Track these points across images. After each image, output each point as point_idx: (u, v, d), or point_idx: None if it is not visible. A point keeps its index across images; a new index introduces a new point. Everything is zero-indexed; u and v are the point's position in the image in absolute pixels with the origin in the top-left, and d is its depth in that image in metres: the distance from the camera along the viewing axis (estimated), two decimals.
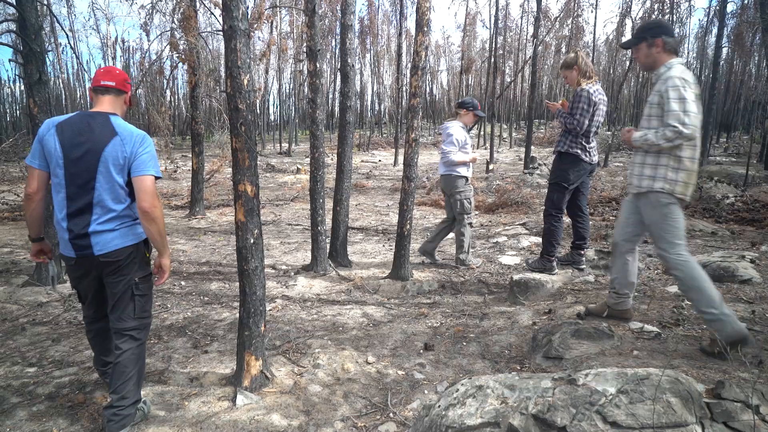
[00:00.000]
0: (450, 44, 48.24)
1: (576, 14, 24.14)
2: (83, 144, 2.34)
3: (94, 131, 2.37)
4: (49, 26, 21.10)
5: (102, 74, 2.50)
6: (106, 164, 2.34)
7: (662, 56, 2.93)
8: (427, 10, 4.46)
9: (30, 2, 4.64)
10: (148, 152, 2.41)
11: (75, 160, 2.34)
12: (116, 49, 37.11)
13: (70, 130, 2.36)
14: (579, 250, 4.66)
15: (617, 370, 2.07)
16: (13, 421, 2.66)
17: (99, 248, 2.39)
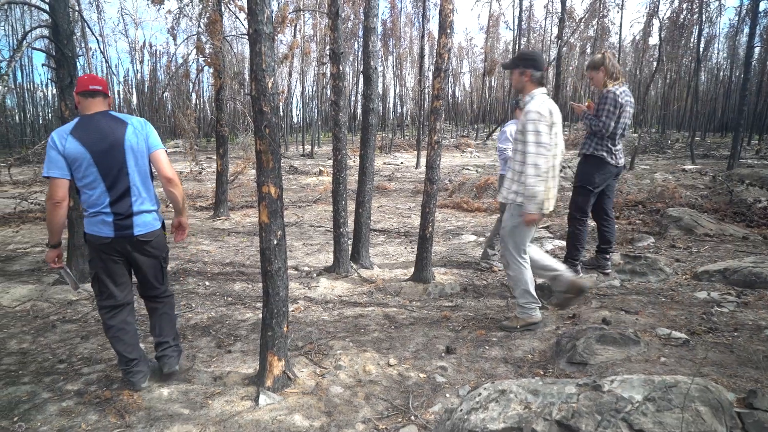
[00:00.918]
0: (473, 46, 48.14)
1: (601, 15, 23.81)
2: (105, 139, 2.66)
3: (110, 126, 2.70)
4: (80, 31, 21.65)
5: (89, 80, 2.76)
6: (130, 150, 2.72)
7: (529, 86, 3.44)
8: (450, 12, 4.44)
9: (63, 9, 4.77)
10: (153, 131, 2.85)
11: (103, 154, 2.65)
12: (144, 53, 37.93)
13: (85, 132, 2.65)
14: (604, 254, 4.59)
15: (644, 377, 2.03)
16: (44, 415, 2.73)
17: (139, 229, 2.78)
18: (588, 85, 32.40)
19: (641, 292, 4.11)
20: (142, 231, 2.79)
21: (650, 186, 10.31)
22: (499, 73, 40.34)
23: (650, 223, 6.78)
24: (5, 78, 4.40)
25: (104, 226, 2.72)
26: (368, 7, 5.23)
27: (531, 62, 3.41)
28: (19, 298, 4.69)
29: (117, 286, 2.88)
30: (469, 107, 51.24)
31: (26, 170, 16.21)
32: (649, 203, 8.18)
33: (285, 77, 27.70)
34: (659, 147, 20.91)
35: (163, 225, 2.96)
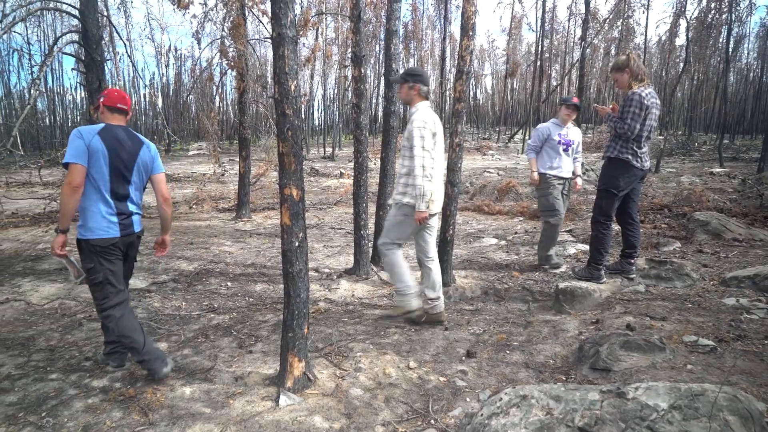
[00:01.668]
0: (494, 48, 47.81)
1: (626, 15, 23.46)
2: (123, 148, 3.00)
3: (129, 140, 3.06)
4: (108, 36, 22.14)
5: (119, 98, 3.11)
6: (138, 165, 3.08)
7: (416, 99, 3.81)
8: (472, 14, 4.43)
9: (92, 14, 4.89)
10: (159, 157, 3.25)
11: (118, 160, 2.97)
12: (169, 57, 38.60)
13: (110, 137, 2.96)
14: (629, 258, 4.51)
15: (670, 385, 1.99)
16: (71, 411, 2.79)
17: (137, 227, 3.15)
18: (612, 87, 31.94)
19: (667, 298, 4.03)
20: (139, 228, 3.18)
21: (676, 189, 10.11)
22: (521, 76, 40.04)
23: (676, 228, 6.65)
24: (37, 82, 4.53)
25: (110, 227, 2.98)
26: (390, 10, 5.25)
27: (419, 78, 3.79)
28: (47, 297, 4.81)
29: (119, 284, 3.09)
30: (490, 109, 50.95)
31: (55, 171, 16.64)
32: (675, 207, 8.01)
33: (307, 80, 27.93)
34: (686, 150, 20.49)
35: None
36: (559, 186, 5.17)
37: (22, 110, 23.40)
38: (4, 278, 5.43)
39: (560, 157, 5.14)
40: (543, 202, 5.22)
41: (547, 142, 5.12)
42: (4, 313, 4.39)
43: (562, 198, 5.20)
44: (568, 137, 5.18)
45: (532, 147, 5.21)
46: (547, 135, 5.12)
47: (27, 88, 28.21)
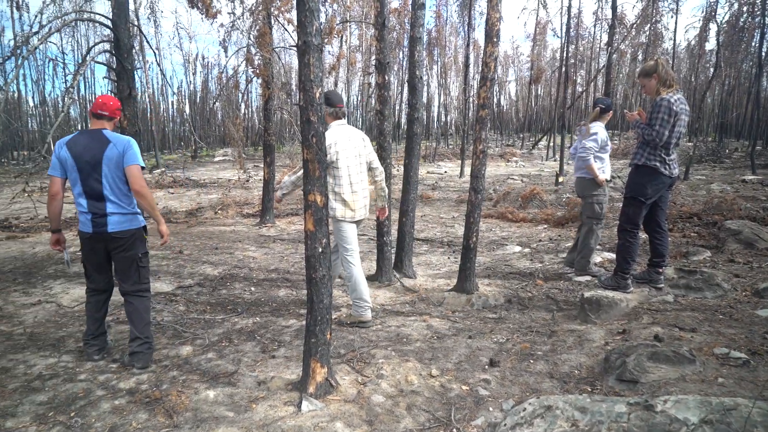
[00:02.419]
0: (519, 54, 47.52)
1: (654, 20, 23.08)
2: (87, 152, 3.22)
3: (94, 142, 3.25)
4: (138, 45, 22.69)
5: (99, 105, 3.35)
6: (106, 164, 3.23)
7: (327, 119, 4.14)
8: (496, 20, 4.42)
9: (124, 24, 5.02)
10: (133, 150, 3.30)
11: (84, 163, 3.21)
12: (197, 65, 39.37)
13: (75, 144, 3.24)
14: (657, 267, 4.41)
15: (700, 398, 1.93)
16: (98, 412, 2.85)
17: (111, 227, 3.28)
18: (639, 92, 31.41)
19: (696, 309, 3.93)
20: (116, 228, 3.29)
21: (706, 197, 9.87)
22: (546, 82, 39.68)
23: (706, 236, 6.49)
24: (71, 90, 4.66)
25: (85, 223, 3.31)
26: (414, 17, 5.27)
27: (329, 102, 4.10)
28: (77, 299, 4.93)
29: (97, 274, 3.48)
30: (514, 116, 50.59)
31: None
32: (705, 215, 7.82)
33: (331, 87, 28.15)
34: (716, 156, 19.99)
35: (144, 228, 3.46)
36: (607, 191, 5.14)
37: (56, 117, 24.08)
38: (37, 280, 5.58)
39: (606, 160, 5.14)
40: (594, 209, 5.09)
41: (604, 147, 5.07)
42: (36, 315, 4.52)
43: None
44: (609, 140, 5.18)
45: (593, 151, 5.01)
46: (605, 140, 5.08)
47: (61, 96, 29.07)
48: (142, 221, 3.44)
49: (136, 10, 23.87)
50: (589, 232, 5.12)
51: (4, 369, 3.42)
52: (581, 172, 5.10)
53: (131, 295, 3.45)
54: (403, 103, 32.80)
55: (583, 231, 5.20)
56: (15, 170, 20.84)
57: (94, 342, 3.53)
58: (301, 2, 2.61)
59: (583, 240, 5.16)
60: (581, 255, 5.18)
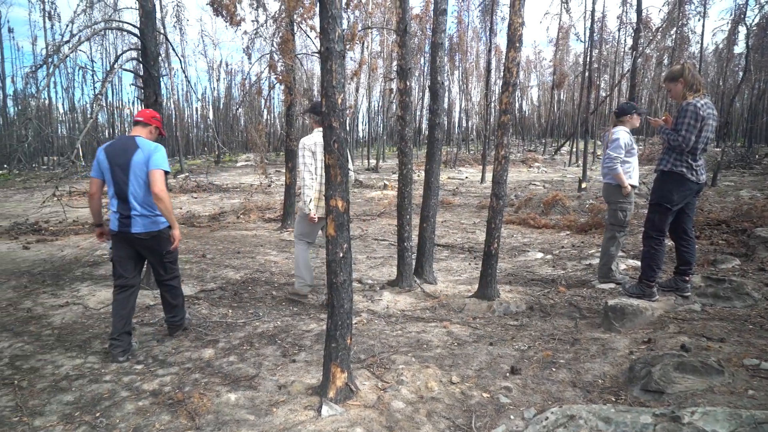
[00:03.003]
0: (541, 59, 47.16)
1: (681, 23, 22.68)
2: (119, 156, 3.55)
3: (126, 148, 3.58)
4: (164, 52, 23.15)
5: (137, 114, 3.84)
6: (133, 168, 3.53)
7: (314, 125, 4.80)
8: (519, 25, 4.39)
9: (151, 32, 5.13)
10: (158, 155, 3.58)
11: (115, 167, 3.55)
12: (220, 72, 40.00)
13: (110, 149, 3.60)
14: (684, 275, 4.32)
15: (729, 411, 1.88)
16: (122, 413, 2.89)
17: (135, 228, 3.58)
18: (665, 97, 30.89)
19: (725, 318, 3.83)
20: (139, 230, 3.59)
21: (735, 204, 9.63)
22: (568, 87, 39.28)
23: (735, 244, 6.32)
24: (99, 97, 4.78)
25: (113, 222, 3.63)
26: (436, 23, 5.27)
27: (312, 110, 4.82)
28: (103, 301, 5.02)
29: (123, 269, 3.72)
30: (536, 121, 50.18)
31: None
32: (734, 222, 7.62)
33: (352, 93, 28.31)
34: (745, 162, 19.49)
35: (166, 229, 3.71)
36: (633, 197, 5.03)
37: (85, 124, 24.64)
38: (65, 282, 5.71)
39: (635, 164, 5.03)
40: (618, 215, 4.99)
41: (630, 151, 4.98)
42: (64, 316, 4.62)
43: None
44: (635, 143, 5.08)
45: (620, 158, 4.90)
46: (630, 144, 4.97)
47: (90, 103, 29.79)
48: (164, 223, 3.68)
49: (163, 19, 24.39)
50: (610, 239, 5.03)
51: (33, 369, 3.50)
52: (608, 178, 5.02)
53: (162, 284, 3.94)
54: (424, 109, 32.79)
55: (604, 237, 5.12)
56: (45, 175, 21.39)
57: (119, 342, 3.62)
58: (324, 9, 2.63)
59: (604, 246, 5.08)
60: (602, 262, 5.10)
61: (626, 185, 4.88)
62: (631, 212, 5.02)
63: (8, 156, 23.36)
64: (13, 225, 9.92)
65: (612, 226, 5.04)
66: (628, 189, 4.91)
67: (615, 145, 4.93)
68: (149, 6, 5.15)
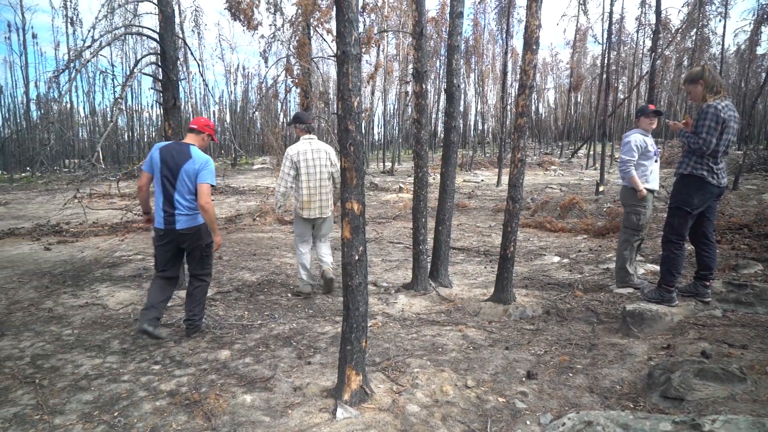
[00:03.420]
0: (558, 61, 46.84)
1: (701, 24, 22.36)
2: (172, 160, 3.83)
3: (179, 153, 3.86)
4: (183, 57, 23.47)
5: (192, 122, 4.12)
6: (182, 174, 3.82)
7: (300, 133, 5.23)
8: (536, 28, 4.37)
9: (170, 37, 5.20)
10: (207, 169, 3.87)
11: (166, 169, 3.83)
12: (237, 76, 40.37)
13: (165, 151, 3.87)
14: (704, 280, 4.24)
15: (752, 419, 1.84)
16: (140, 412, 2.93)
17: (179, 225, 3.86)
18: (685, 99, 30.45)
19: (747, 324, 3.76)
20: (183, 226, 3.87)
21: (758, 208, 9.45)
22: (586, 89, 38.94)
23: (758, 249, 6.20)
24: (119, 101, 4.86)
25: (158, 220, 3.90)
26: (452, 25, 5.26)
27: (296, 120, 5.24)
28: (122, 302, 5.09)
29: (164, 263, 4.02)
30: (553, 124, 49.83)
31: (132, 184, 17.66)
32: (757, 226, 7.48)
33: (368, 96, 28.37)
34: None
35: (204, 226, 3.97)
36: (651, 202, 4.94)
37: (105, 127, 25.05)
38: (85, 283, 5.81)
39: (653, 167, 4.92)
40: (632, 219, 4.90)
41: (645, 153, 4.88)
42: (83, 316, 4.69)
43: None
44: (654, 146, 4.97)
45: (632, 161, 4.82)
46: (644, 146, 4.87)
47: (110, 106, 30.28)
48: (202, 219, 3.97)
49: (182, 24, 24.73)
50: (624, 242, 4.95)
51: (54, 368, 3.56)
52: (625, 181, 4.94)
53: (194, 278, 4.15)
54: (440, 112, 32.75)
55: (619, 240, 5.05)
56: (66, 177, 21.79)
57: (149, 314, 3.82)
58: (341, 13, 2.65)
59: (618, 249, 5.01)
60: (618, 265, 5.03)
61: (641, 188, 4.79)
62: (646, 216, 4.91)
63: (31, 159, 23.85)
64: (36, 226, 10.11)
65: (626, 229, 4.97)
66: (643, 193, 4.81)
67: (626, 149, 4.86)
68: (168, 11, 5.22)
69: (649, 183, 4.87)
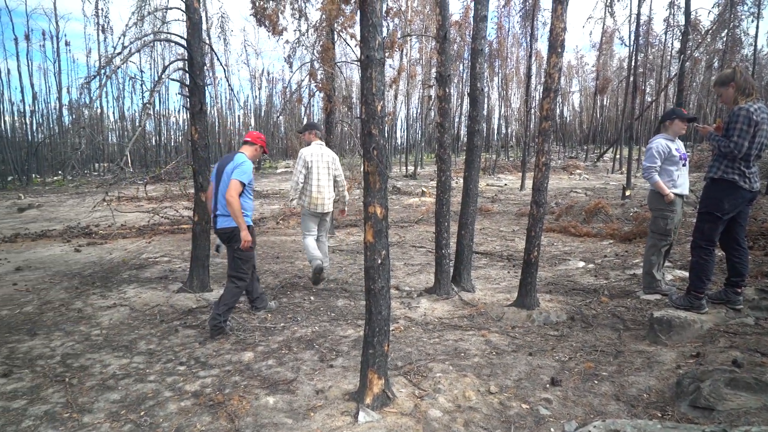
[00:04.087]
0: (583, 64, 46.23)
1: (732, 25, 21.82)
2: (221, 166, 4.36)
3: (226, 160, 4.36)
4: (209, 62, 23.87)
5: (247, 135, 4.63)
6: (224, 176, 4.27)
7: (314, 138, 5.83)
8: (561, 30, 4.32)
9: (197, 43, 5.29)
10: (239, 168, 4.22)
11: (216, 174, 4.39)
12: (262, 81, 40.88)
13: (221, 160, 4.43)
14: (735, 287, 4.13)
15: None
16: (166, 412, 2.98)
17: (218, 225, 4.32)
18: (715, 102, 29.75)
19: None
20: (220, 226, 4.30)
21: None
22: (612, 92, 38.35)
23: None
24: (148, 107, 4.96)
25: (213, 219, 4.41)
26: (476, 29, 5.24)
27: (307, 128, 5.92)
28: (148, 303, 5.19)
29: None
30: (578, 127, 49.17)
31: (159, 187, 18.01)
32: None
33: (391, 100, 28.42)
34: None
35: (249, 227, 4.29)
36: (680, 207, 4.83)
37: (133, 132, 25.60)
38: (113, 285, 5.93)
39: (681, 172, 4.81)
40: (660, 224, 4.80)
41: (669, 158, 4.78)
42: (111, 317, 4.79)
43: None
44: (682, 150, 4.85)
45: (654, 167, 4.74)
46: (667, 151, 4.78)
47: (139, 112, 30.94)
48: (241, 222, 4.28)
49: (208, 30, 25.15)
50: (651, 247, 4.85)
51: (83, 367, 3.65)
52: (651, 186, 4.85)
53: (228, 278, 4.42)
54: (463, 116, 32.63)
55: (646, 244, 4.94)
56: (96, 181, 22.32)
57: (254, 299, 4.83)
58: (365, 18, 2.66)
59: (645, 254, 4.91)
60: (645, 270, 4.92)
61: (667, 193, 4.69)
62: (675, 221, 4.80)
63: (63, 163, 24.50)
64: (66, 228, 10.38)
65: (653, 234, 4.86)
66: (671, 197, 4.70)
67: (648, 155, 4.77)
68: (196, 18, 5.32)
69: (677, 188, 4.76)
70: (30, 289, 5.81)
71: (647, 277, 4.90)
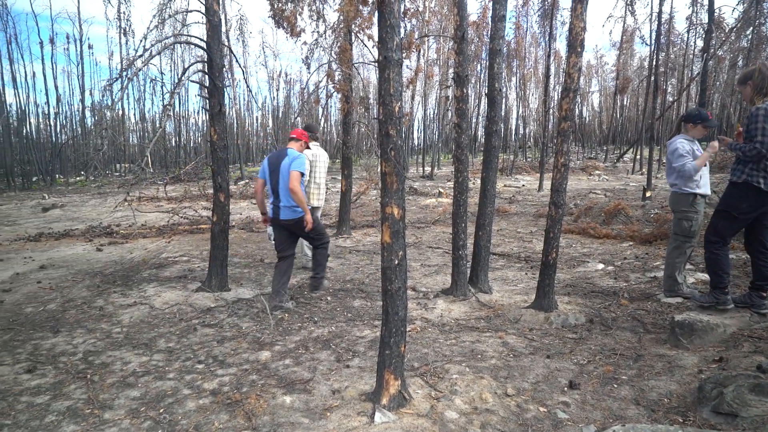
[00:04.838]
0: (603, 64, 45.68)
1: (758, 23, 21.35)
2: (273, 163, 4.90)
3: (279, 156, 4.90)
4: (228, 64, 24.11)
5: (292, 132, 5.20)
6: (282, 172, 4.83)
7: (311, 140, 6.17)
8: (581, 30, 4.28)
9: (217, 45, 5.35)
10: (297, 161, 4.81)
11: (271, 170, 4.91)
12: (280, 82, 41.16)
13: (271, 156, 4.96)
14: (760, 291, 4.04)
15: None
16: (184, 410, 3.01)
17: (282, 216, 4.88)
18: (739, 101, 29.14)
19: None
20: (284, 217, 4.89)
21: None
22: (632, 92, 37.82)
23: None
24: (168, 108, 5.03)
25: (271, 210, 4.96)
26: (494, 29, 5.21)
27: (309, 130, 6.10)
28: (168, 302, 5.26)
29: (280, 246, 5.06)
30: (597, 128, 48.58)
31: (178, 188, 18.25)
32: None
33: (408, 100, 28.40)
34: None
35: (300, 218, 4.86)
36: (702, 208, 4.73)
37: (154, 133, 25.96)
38: (133, 283, 6.03)
39: (703, 172, 4.69)
40: (683, 225, 4.70)
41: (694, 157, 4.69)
42: (131, 315, 4.87)
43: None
44: (701, 151, 4.75)
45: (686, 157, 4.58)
46: (691, 152, 4.66)
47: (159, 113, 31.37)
48: (302, 212, 4.85)
49: (227, 32, 25.41)
50: (675, 249, 4.76)
51: (104, 364, 3.71)
52: (675, 187, 4.75)
53: (315, 248, 5.34)
54: (480, 116, 32.45)
55: (669, 246, 4.85)
56: (117, 181, 22.70)
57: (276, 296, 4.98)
58: (383, 19, 2.66)
59: (668, 256, 4.81)
60: (667, 273, 4.83)
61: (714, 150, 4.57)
62: (698, 222, 4.71)
63: (85, 163, 24.95)
64: (89, 228, 10.58)
65: (677, 236, 4.78)
66: (715, 147, 4.55)
67: (676, 155, 4.62)
68: (216, 20, 5.38)
69: (700, 188, 4.67)
70: (53, 287, 5.93)
71: (669, 279, 4.82)
